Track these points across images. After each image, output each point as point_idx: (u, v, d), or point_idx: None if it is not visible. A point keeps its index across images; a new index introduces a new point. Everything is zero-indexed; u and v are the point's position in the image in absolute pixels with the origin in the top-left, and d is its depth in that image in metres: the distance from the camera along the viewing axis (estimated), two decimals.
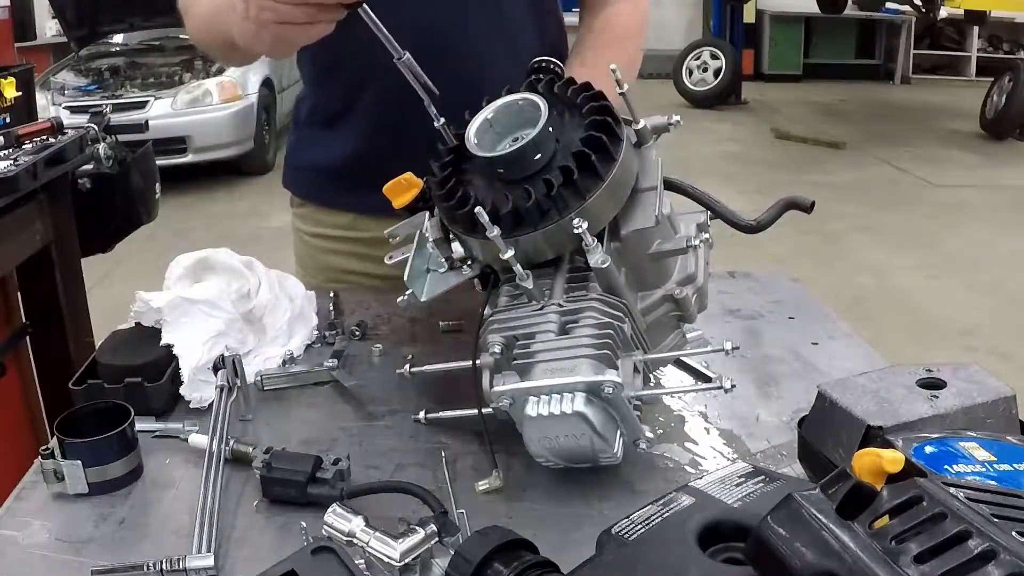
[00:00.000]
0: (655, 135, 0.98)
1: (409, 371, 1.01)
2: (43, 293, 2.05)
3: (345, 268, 1.44)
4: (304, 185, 1.51)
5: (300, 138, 1.50)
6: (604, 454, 0.86)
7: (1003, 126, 8.48)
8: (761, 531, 0.57)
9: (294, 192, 1.53)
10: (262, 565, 0.71)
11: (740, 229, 1.02)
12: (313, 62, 1.42)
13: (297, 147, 1.51)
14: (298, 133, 1.50)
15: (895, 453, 0.61)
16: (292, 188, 1.53)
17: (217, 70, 7.26)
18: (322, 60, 1.39)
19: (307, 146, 1.48)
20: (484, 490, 0.90)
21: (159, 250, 2.52)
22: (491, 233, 0.87)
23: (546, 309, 0.90)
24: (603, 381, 0.82)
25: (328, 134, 1.42)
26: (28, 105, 2.37)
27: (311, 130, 1.46)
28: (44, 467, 0.90)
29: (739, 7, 11.14)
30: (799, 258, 5.07)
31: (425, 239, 1.02)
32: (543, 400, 0.83)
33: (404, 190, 1.02)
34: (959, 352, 4.00)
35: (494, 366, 0.88)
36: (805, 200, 0.99)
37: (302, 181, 1.51)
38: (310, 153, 1.47)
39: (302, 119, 1.48)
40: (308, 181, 1.50)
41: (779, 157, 7.96)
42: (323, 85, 1.42)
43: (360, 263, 1.45)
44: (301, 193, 1.52)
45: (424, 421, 0.98)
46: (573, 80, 0.97)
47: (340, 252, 1.47)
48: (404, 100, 1.14)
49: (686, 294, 0.96)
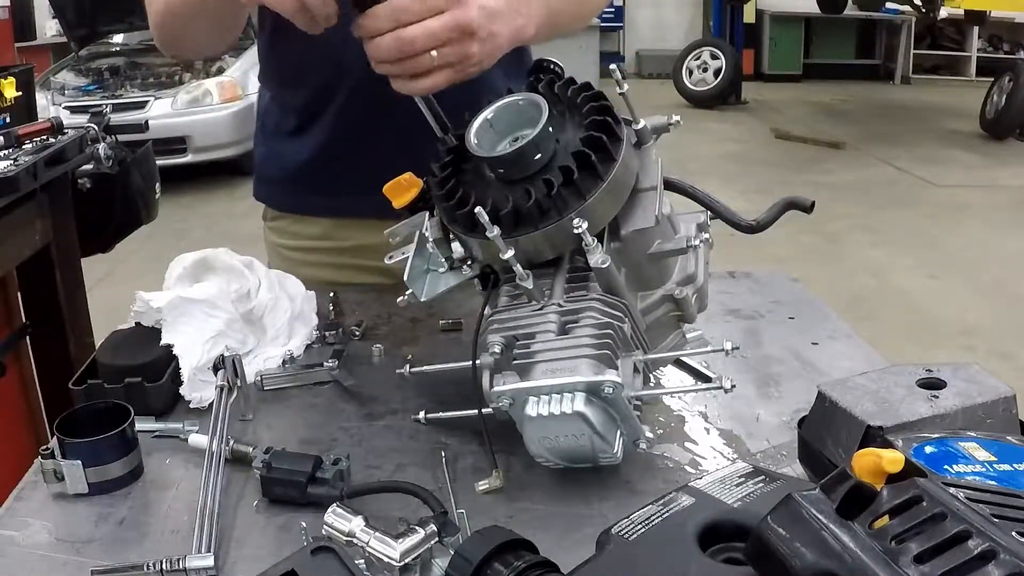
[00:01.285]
0: (655, 135, 0.98)
1: (408, 371, 1.01)
2: (43, 293, 2.05)
3: (323, 279, 1.41)
4: (278, 195, 1.49)
5: (270, 149, 1.47)
6: (604, 454, 0.86)
7: (1003, 126, 8.49)
8: (761, 531, 0.57)
9: (270, 204, 1.50)
10: (262, 565, 0.71)
11: (740, 229, 1.02)
12: (280, 70, 1.41)
13: (268, 158, 1.48)
14: (267, 145, 1.47)
15: (895, 453, 0.61)
16: (267, 200, 1.50)
17: (217, 70, 7.26)
18: (290, 68, 1.37)
19: (277, 156, 1.46)
20: (484, 490, 0.90)
21: (159, 250, 2.52)
22: (491, 233, 0.87)
23: (546, 309, 0.90)
24: (603, 381, 0.82)
25: (299, 141, 1.40)
26: (28, 105, 2.38)
27: (280, 139, 1.44)
28: (44, 467, 0.90)
29: (739, 7, 11.15)
30: (799, 258, 5.08)
31: (425, 239, 1.02)
32: (543, 400, 0.83)
33: (404, 190, 1.02)
34: (959, 352, 4.01)
35: (494, 366, 0.88)
36: (805, 200, 0.99)
37: (276, 192, 1.49)
38: (281, 162, 1.45)
39: (270, 129, 1.46)
40: (283, 191, 1.47)
41: (779, 157, 7.97)
42: (292, 91, 1.40)
43: (337, 273, 1.44)
44: (277, 204, 1.49)
45: (424, 421, 0.98)
46: (573, 80, 0.97)
47: (317, 264, 1.45)
48: (374, 99, 1.13)
49: (686, 294, 0.96)
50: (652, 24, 12.91)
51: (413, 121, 1.01)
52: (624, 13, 12.77)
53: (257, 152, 1.52)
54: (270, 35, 1.39)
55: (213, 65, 7.32)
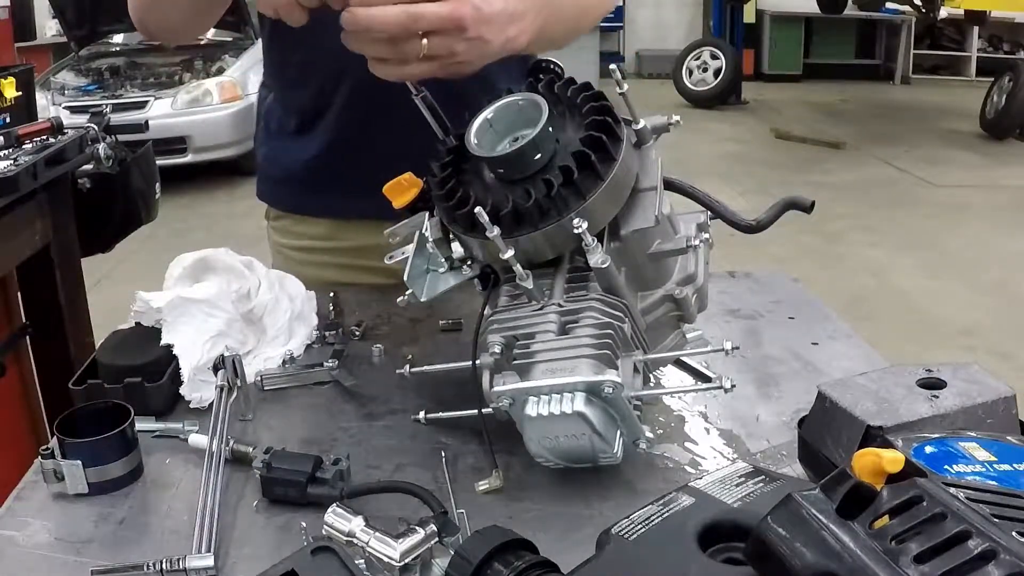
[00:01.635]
0: (655, 135, 0.98)
1: (409, 371, 1.01)
2: (43, 293, 2.05)
3: (327, 279, 1.42)
4: (283, 196, 1.49)
5: (272, 149, 1.47)
6: (604, 454, 0.86)
7: (1003, 126, 8.48)
8: (761, 531, 0.57)
9: (273, 204, 1.50)
10: (262, 565, 0.71)
11: (740, 229, 1.02)
12: (283, 70, 1.41)
13: (270, 158, 1.48)
14: (270, 144, 1.48)
15: (895, 453, 0.61)
16: (270, 200, 1.51)
17: (217, 70, 7.26)
18: (292, 67, 1.38)
19: (281, 155, 1.46)
20: (484, 490, 0.90)
21: (159, 250, 2.52)
22: (491, 233, 0.87)
23: (546, 309, 0.90)
24: (603, 381, 0.82)
25: (301, 141, 1.41)
26: (28, 105, 2.38)
27: (283, 139, 1.44)
28: (44, 467, 0.90)
29: (739, 7, 11.15)
30: (799, 258, 5.08)
31: (425, 239, 1.02)
32: (543, 400, 0.83)
33: (404, 190, 1.02)
34: (959, 352, 4.01)
35: (494, 366, 0.88)
36: (805, 200, 0.99)
37: (280, 192, 1.49)
38: (284, 162, 1.45)
39: (273, 129, 1.46)
40: (286, 192, 1.48)
41: (779, 157, 7.97)
42: (294, 91, 1.40)
43: (340, 273, 1.44)
44: (280, 204, 1.49)
45: (424, 421, 0.98)
46: (573, 80, 0.97)
47: (319, 264, 1.45)
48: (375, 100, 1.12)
49: (686, 294, 0.96)
50: (652, 24, 12.91)
51: (413, 122, 1.01)
52: (624, 13, 12.75)
53: (259, 152, 1.52)
54: (270, 34, 1.39)
55: (213, 65, 7.33)
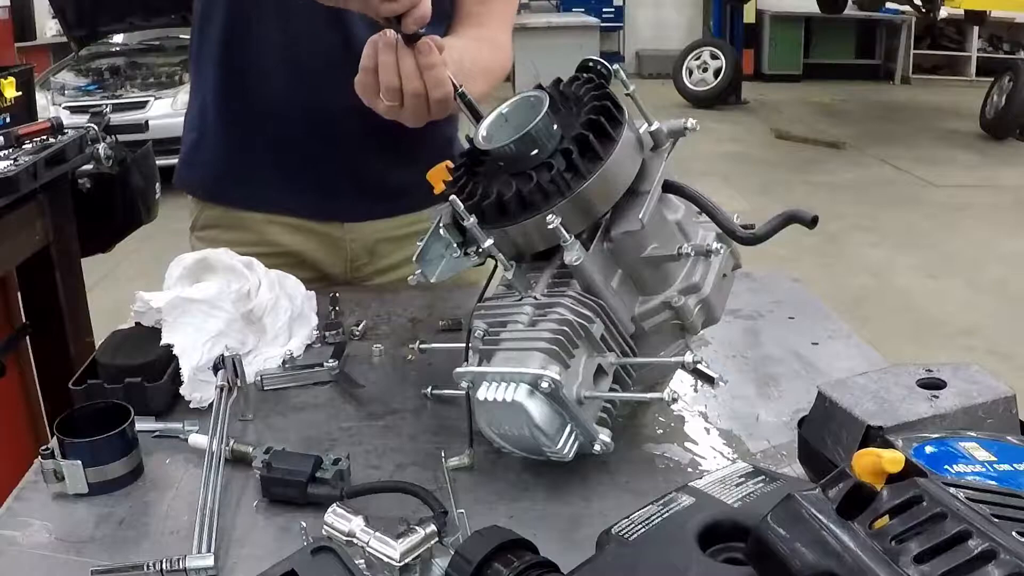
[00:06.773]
0: (672, 139, 0.98)
1: (419, 347, 1.07)
2: (43, 293, 2.05)
3: None
4: (211, 184, 1.46)
5: (209, 133, 1.44)
6: (548, 449, 0.86)
7: (1003, 126, 8.48)
8: (761, 531, 0.57)
9: (200, 194, 1.47)
10: (262, 565, 0.71)
11: (736, 239, 1.00)
12: (220, 65, 1.37)
13: (202, 142, 1.45)
14: (203, 139, 1.45)
15: (895, 453, 0.61)
16: (199, 189, 1.48)
17: None
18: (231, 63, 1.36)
19: (213, 147, 1.44)
20: (455, 466, 0.93)
21: (159, 250, 2.51)
22: (467, 222, 0.90)
23: (524, 300, 0.92)
24: (541, 375, 0.82)
25: (238, 133, 1.40)
26: (28, 105, 2.38)
27: (216, 132, 1.42)
28: (44, 467, 0.90)
29: (739, 7, 11.15)
30: (799, 258, 5.07)
31: (439, 224, 1.03)
32: (492, 386, 0.85)
33: (443, 175, 1.05)
34: (959, 352, 4.00)
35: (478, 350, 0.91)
36: (806, 215, 0.97)
37: (209, 179, 1.46)
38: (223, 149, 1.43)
39: (209, 124, 1.43)
40: (221, 180, 1.45)
41: (779, 157, 7.97)
42: (232, 85, 1.38)
43: None
44: (209, 194, 1.47)
45: (430, 396, 1.01)
46: (591, 78, 0.97)
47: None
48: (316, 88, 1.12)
49: (684, 302, 0.94)
50: (652, 24, 12.91)
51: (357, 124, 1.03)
52: (624, 13, 12.77)
53: (188, 137, 1.47)
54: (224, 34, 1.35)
55: None
